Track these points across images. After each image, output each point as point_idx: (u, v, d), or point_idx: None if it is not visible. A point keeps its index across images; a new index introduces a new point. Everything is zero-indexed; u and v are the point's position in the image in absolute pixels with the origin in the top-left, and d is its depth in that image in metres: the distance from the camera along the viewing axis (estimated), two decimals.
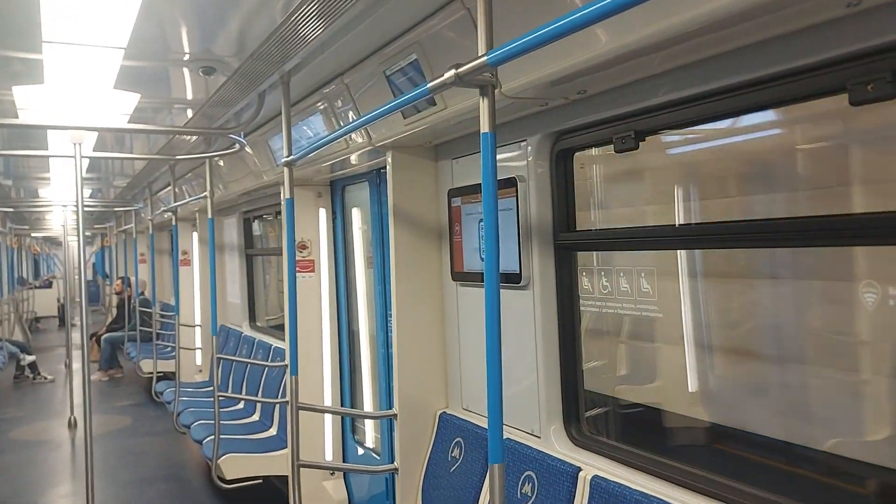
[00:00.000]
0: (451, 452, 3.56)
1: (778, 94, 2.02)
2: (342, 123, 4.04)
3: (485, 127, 2.00)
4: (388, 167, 3.78)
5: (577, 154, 2.96)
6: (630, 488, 2.51)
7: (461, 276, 3.58)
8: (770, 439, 4.53)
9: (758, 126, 3.03)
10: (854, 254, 2.63)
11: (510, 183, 3.07)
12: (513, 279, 3.08)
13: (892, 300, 2.45)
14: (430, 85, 2.18)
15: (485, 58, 1.89)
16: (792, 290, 4.29)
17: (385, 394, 4.73)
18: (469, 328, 3.60)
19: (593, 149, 3.04)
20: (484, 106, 2.00)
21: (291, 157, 3.66)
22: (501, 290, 2.11)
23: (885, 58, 1.73)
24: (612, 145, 2.62)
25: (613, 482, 2.58)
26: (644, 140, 2.53)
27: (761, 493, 2.27)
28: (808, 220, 2.26)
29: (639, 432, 4.23)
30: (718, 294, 4.42)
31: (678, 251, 3.17)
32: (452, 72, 2.01)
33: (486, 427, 3.33)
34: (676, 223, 3.00)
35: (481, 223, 3.32)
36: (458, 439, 3.55)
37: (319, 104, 4.13)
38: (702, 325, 4.47)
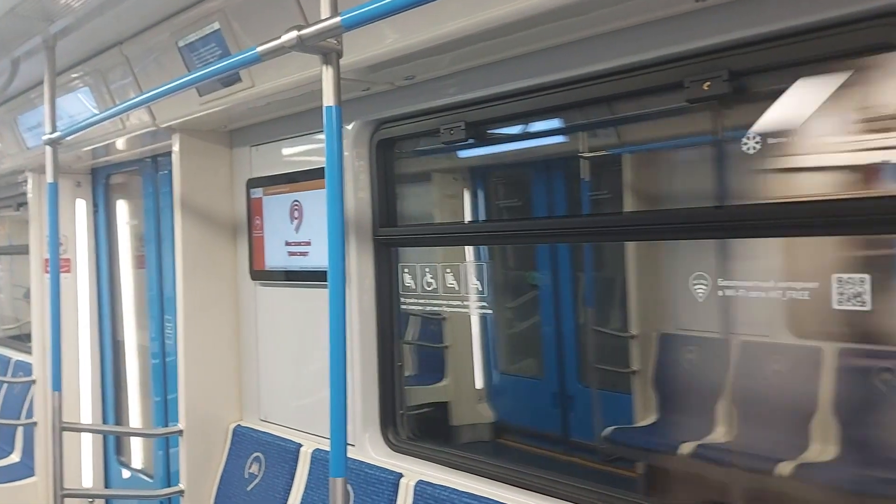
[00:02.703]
0: (249, 469, 3.24)
1: (617, 87, 2.04)
2: (117, 101, 3.52)
3: (329, 100, 1.79)
4: (174, 153, 3.36)
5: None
6: (458, 491, 2.42)
7: (262, 275, 3.28)
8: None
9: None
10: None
11: (324, 173, 2.84)
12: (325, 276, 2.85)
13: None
14: (261, 48, 1.90)
15: (337, 18, 1.68)
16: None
17: (161, 409, 4.21)
18: (270, 332, 3.30)
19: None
20: (328, 76, 1.79)
21: (56, 133, 3.10)
22: (314, 290, 1.91)
23: (724, 56, 1.81)
24: (440, 136, 2.52)
25: (440, 486, 2.47)
26: (475, 132, 2.46)
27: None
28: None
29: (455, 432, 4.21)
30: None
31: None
32: (294, 34, 1.77)
33: (290, 439, 3.12)
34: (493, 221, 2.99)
35: (295, 215, 3.05)
36: (256, 454, 3.24)
37: (88, 77, 3.57)
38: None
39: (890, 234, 2.05)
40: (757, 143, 1.88)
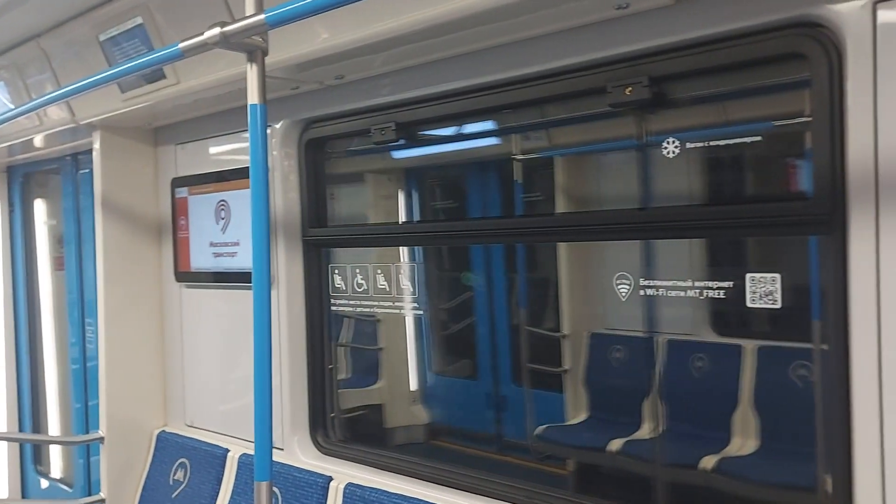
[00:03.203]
0: (174, 475, 3.15)
1: (544, 91, 2.07)
2: (34, 95, 3.37)
3: (253, 98, 1.76)
4: (95, 151, 3.24)
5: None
6: (388, 492, 2.41)
7: (187, 277, 3.19)
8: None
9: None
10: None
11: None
12: None
13: None
14: (183, 45, 1.86)
15: (261, 16, 1.66)
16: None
17: (82, 415, 4.06)
18: (196, 335, 3.22)
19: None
20: (253, 74, 1.76)
21: None
22: (241, 292, 1.89)
23: (645, 62, 1.86)
24: (371, 137, 2.51)
25: (370, 488, 2.46)
26: (406, 133, 2.46)
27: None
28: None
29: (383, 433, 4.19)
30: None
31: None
32: (217, 30, 1.73)
33: (217, 444, 3.05)
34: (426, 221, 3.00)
35: (222, 215, 2.99)
36: (182, 460, 3.15)
37: (3, 71, 3.41)
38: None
39: (799, 235, 2.15)
40: (676, 147, 1.93)
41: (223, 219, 2.99)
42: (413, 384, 5.38)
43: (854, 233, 1.53)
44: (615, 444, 4.13)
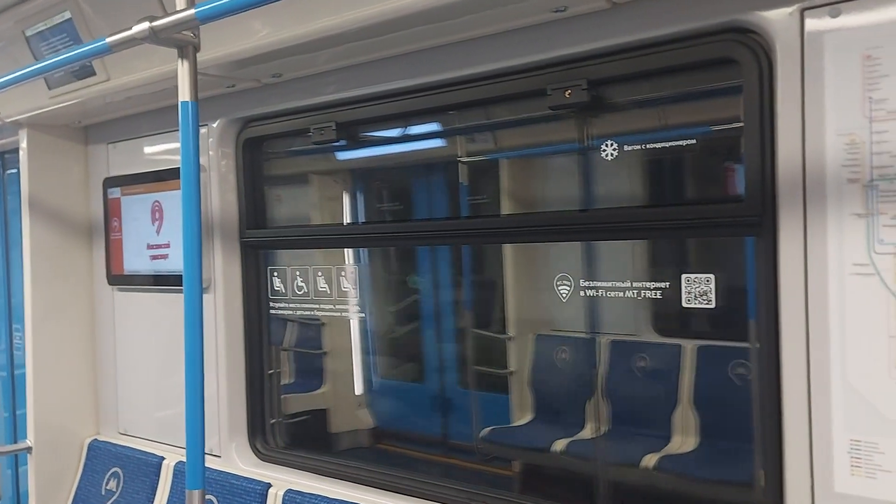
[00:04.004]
0: (106, 485, 3.04)
1: (485, 92, 2.07)
2: None
3: (185, 94, 1.70)
4: (22, 150, 3.12)
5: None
6: (328, 498, 2.37)
7: (120, 280, 3.09)
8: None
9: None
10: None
11: None
12: None
13: None
14: (111, 39, 1.79)
15: (192, 10, 1.60)
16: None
17: (10, 424, 3.90)
18: (130, 339, 3.12)
19: None
20: (184, 70, 1.71)
21: None
22: (176, 295, 1.83)
23: (583, 65, 1.87)
24: (310, 136, 2.46)
25: (309, 495, 2.41)
26: (346, 133, 2.42)
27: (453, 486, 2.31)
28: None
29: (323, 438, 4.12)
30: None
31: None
32: (146, 25, 1.67)
33: (152, 452, 2.96)
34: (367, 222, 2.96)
35: (156, 216, 2.90)
36: (114, 469, 3.05)
37: None
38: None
39: (732, 236, 2.19)
40: (615, 149, 1.95)
41: (157, 220, 2.91)
42: (358, 388, 5.32)
43: (783, 234, 1.56)
44: (559, 445, 4.16)
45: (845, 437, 1.49)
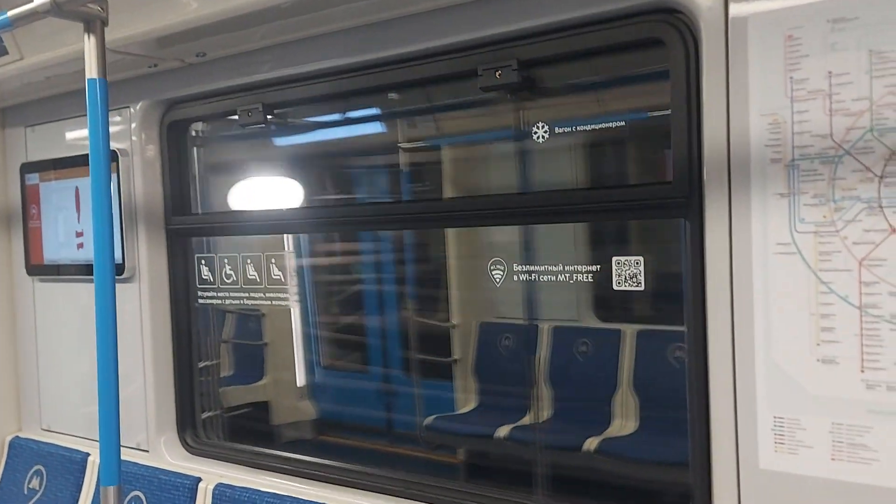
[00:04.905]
0: (29, 484, 2.92)
1: (418, 72, 2.02)
2: None
3: (92, 72, 1.61)
4: None
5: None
6: (260, 491, 2.31)
7: (40, 270, 2.95)
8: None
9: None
10: None
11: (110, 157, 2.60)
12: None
13: None
14: (12, 13, 1.68)
15: None
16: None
17: None
18: (53, 332, 2.98)
19: None
20: (91, 45, 1.61)
21: None
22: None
23: (514, 45, 1.84)
24: (238, 119, 2.38)
25: (240, 488, 2.34)
26: (274, 114, 2.35)
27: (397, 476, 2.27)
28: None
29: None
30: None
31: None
32: None
33: (77, 448, 2.84)
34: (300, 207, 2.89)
35: (78, 204, 2.77)
36: (37, 467, 2.92)
37: None
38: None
39: (661, 218, 2.20)
40: (545, 132, 1.93)
41: (79, 207, 2.78)
42: (301, 379, 5.24)
43: (709, 215, 1.56)
44: (503, 431, 4.17)
45: (769, 414, 1.50)
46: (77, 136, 2.85)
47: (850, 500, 1.42)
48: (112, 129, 2.59)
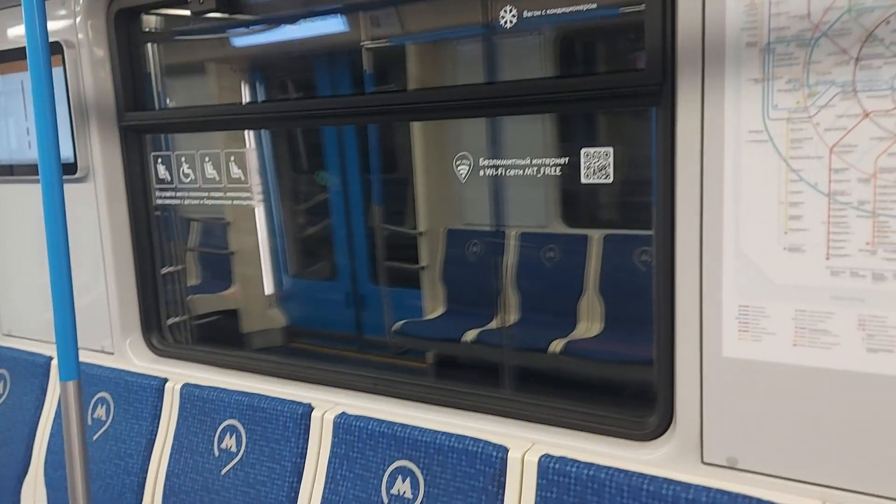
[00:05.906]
0: None
1: None
2: None
3: None
4: None
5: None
6: (227, 390, 2.31)
7: None
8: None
9: None
10: None
11: (53, 49, 2.44)
12: (67, 170, 2.50)
13: None
14: None
15: None
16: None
17: None
18: (8, 235, 2.89)
19: None
20: None
21: None
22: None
23: None
24: (188, 6, 2.24)
25: (208, 387, 2.34)
26: (228, 4, 2.21)
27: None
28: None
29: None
30: None
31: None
32: None
33: (40, 352, 2.80)
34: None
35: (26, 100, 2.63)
36: (1, 371, 2.89)
37: None
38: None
39: (632, 107, 2.16)
40: (513, 16, 1.84)
41: (27, 104, 2.64)
42: (269, 288, 5.22)
43: (681, 103, 1.52)
44: (470, 335, 4.22)
45: (734, 302, 1.51)
46: (20, 27, 2.68)
47: (810, 383, 1.45)
48: (55, 20, 2.44)
